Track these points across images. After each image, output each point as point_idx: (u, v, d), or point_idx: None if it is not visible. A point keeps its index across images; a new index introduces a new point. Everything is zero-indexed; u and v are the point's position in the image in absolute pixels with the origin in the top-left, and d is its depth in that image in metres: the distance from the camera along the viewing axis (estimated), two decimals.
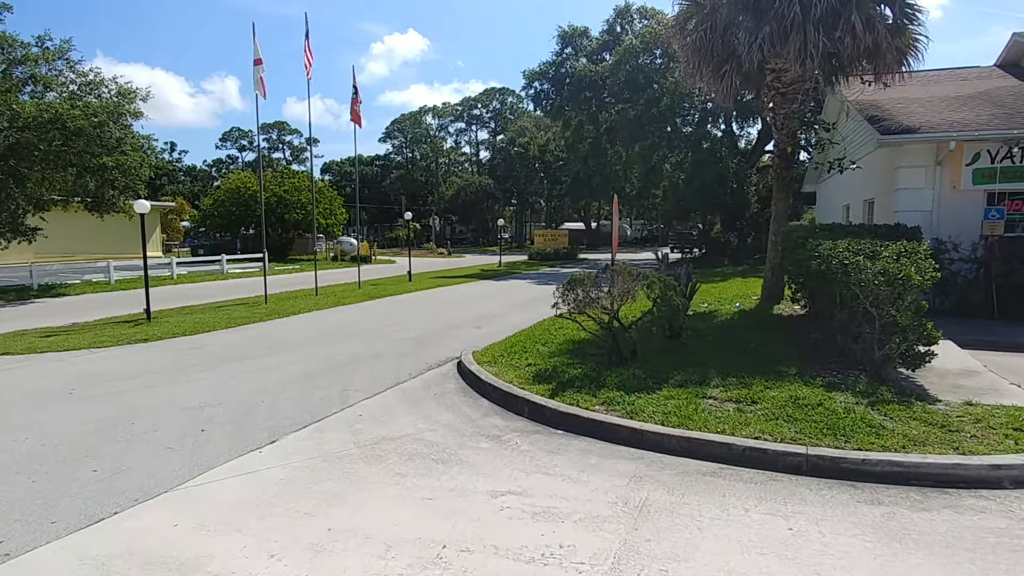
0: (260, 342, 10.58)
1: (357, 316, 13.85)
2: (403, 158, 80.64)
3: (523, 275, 26.68)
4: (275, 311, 14.29)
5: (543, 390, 6.52)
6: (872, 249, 7.03)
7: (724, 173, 25.87)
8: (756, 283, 17.61)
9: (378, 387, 7.39)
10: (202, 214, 40.62)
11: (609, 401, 6.03)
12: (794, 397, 5.83)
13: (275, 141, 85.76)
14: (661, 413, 5.57)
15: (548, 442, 5.35)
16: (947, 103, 12.76)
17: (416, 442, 5.40)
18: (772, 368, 7.07)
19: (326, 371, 8.27)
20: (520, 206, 73.38)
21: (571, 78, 31.34)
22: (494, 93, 76.99)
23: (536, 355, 8.45)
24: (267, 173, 41.05)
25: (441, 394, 7.08)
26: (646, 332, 6.75)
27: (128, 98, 18.71)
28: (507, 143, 70.13)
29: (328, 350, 9.78)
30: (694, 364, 7.34)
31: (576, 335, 9.83)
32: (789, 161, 12.60)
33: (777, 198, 12.88)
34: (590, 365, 7.50)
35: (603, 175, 37.70)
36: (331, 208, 39.86)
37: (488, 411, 6.38)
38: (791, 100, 12.15)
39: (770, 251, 13.08)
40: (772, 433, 4.95)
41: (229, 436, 5.65)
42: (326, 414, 6.30)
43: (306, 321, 13.10)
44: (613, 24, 33.19)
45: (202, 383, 7.71)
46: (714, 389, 6.31)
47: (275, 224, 37.28)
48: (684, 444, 4.93)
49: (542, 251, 40.39)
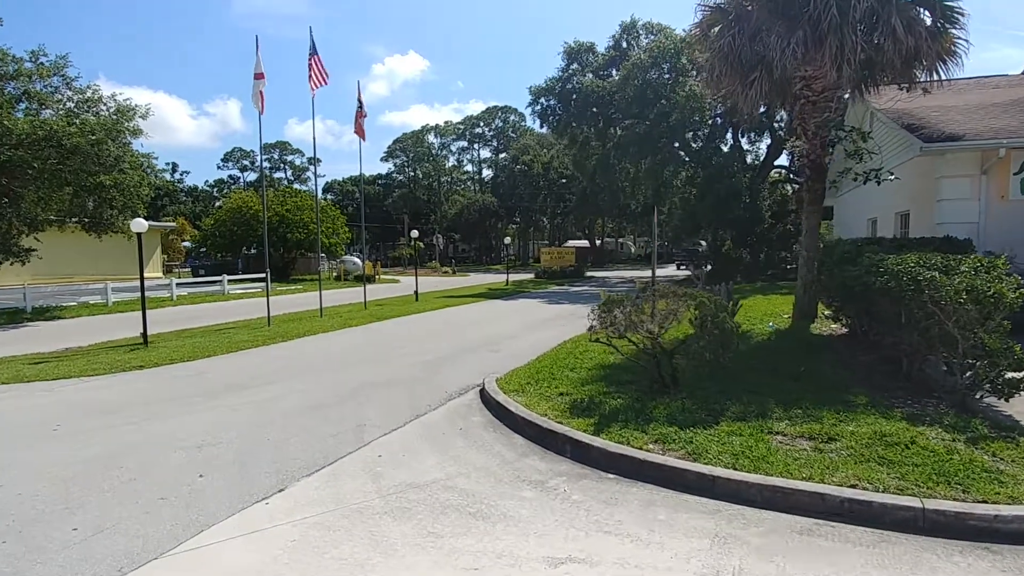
0: (263, 368, 9.85)
1: (365, 339, 13.13)
2: (405, 177, 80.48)
3: (532, 294, 25.98)
4: (278, 334, 13.57)
5: (584, 425, 5.78)
6: (945, 264, 6.34)
7: (737, 188, 25.29)
8: (779, 300, 16.90)
9: (396, 421, 6.65)
10: (203, 234, 40.06)
11: (663, 438, 5.29)
12: (879, 433, 5.09)
13: (276, 161, 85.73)
14: (729, 454, 4.83)
15: (601, 490, 4.60)
16: (985, 110, 12.17)
17: (448, 490, 4.66)
18: (836, 397, 6.34)
19: (337, 402, 7.53)
20: (524, 224, 72.94)
21: (578, 94, 30.91)
22: (496, 111, 77.00)
23: (567, 382, 7.71)
24: (269, 192, 40.58)
25: (467, 429, 6.34)
26: (697, 358, 6.03)
27: (127, 116, 18.18)
28: (510, 161, 69.95)
29: (337, 377, 9.05)
30: (744, 392, 6.62)
31: (605, 359, 9.13)
32: (821, 173, 11.95)
33: (808, 212, 12.21)
34: (630, 394, 6.77)
35: (611, 192, 37.15)
36: (334, 227, 39.30)
37: (524, 450, 5.63)
38: (823, 109, 11.56)
39: (801, 267, 12.39)
40: (869, 480, 4.21)
41: (231, 482, 4.91)
42: (340, 455, 5.56)
43: (312, 345, 12.37)
44: (619, 40, 32.88)
45: (201, 416, 6.97)
46: (779, 423, 5.57)
47: (277, 244, 36.68)
48: (766, 494, 4.19)
49: (548, 269, 39.71)
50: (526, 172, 64.94)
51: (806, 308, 12.06)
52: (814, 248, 12.24)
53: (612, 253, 74.46)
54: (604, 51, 33.20)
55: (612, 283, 32.99)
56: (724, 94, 12.39)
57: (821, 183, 12.05)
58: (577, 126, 32.53)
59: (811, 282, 12.14)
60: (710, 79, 12.17)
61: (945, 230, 10.59)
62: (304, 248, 38.51)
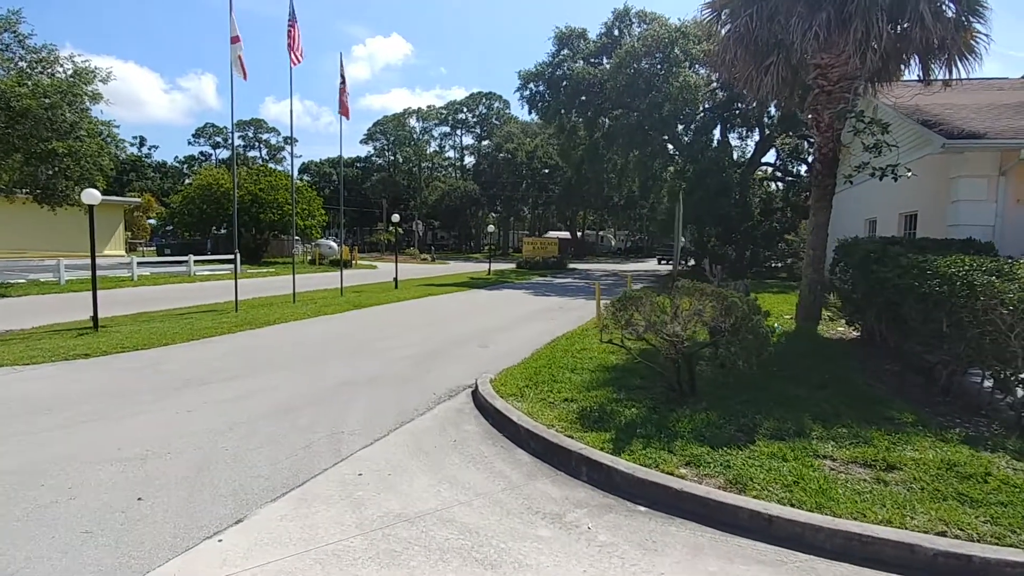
0: (228, 360, 8.86)
1: (343, 328, 12.17)
2: (385, 161, 78.71)
3: (516, 284, 25.15)
4: (247, 321, 12.53)
5: (599, 441, 4.99)
6: (998, 268, 5.68)
7: (728, 183, 24.74)
8: (773, 299, 16.35)
9: (379, 428, 5.77)
10: (170, 212, 38.27)
11: (695, 460, 4.53)
12: (945, 462, 4.38)
13: (251, 139, 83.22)
14: (779, 484, 4.08)
15: (633, 528, 3.80)
16: (998, 110, 11.65)
17: (445, 526, 3.82)
18: (876, 412, 5.65)
19: (310, 402, 6.62)
20: (505, 213, 71.92)
21: (568, 80, 29.98)
22: (480, 97, 75.61)
23: (570, 386, 6.91)
24: (242, 170, 38.95)
25: (462, 441, 5.49)
26: (728, 365, 5.28)
27: (85, 79, 16.77)
28: (493, 148, 68.78)
29: (311, 372, 8.12)
30: (771, 403, 5.90)
31: (607, 359, 8.37)
32: (832, 167, 11.31)
33: (816, 208, 11.58)
34: (644, 402, 6.00)
35: (597, 183, 36.40)
36: (310, 209, 37.88)
37: (531, 470, 4.81)
38: (838, 99, 10.88)
39: (806, 267, 11.78)
40: (958, 524, 3.49)
41: (177, 509, 4.00)
42: (313, 472, 4.68)
43: (283, 334, 11.38)
44: (611, 27, 31.99)
45: (149, 419, 6.01)
46: (824, 444, 4.84)
47: (249, 224, 35.17)
48: (838, 541, 3.43)
49: (531, 260, 38.88)
50: (510, 160, 63.89)
51: (811, 309, 11.46)
52: (821, 247, 11.63)
53: (593, 246, 73.97)
54: (596, 38, 32.30)
55: (596, 276, 32.31)
56: (737, 79, 11.65)
57: (832, 178, 11.41)
58: (566, 114, 31.64)
59: (816, 281, 11.54)
60: (721, 62, 11.43)
61: (958, 232, 10.03)
62: (278, 230, 37.04)
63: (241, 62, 13.60)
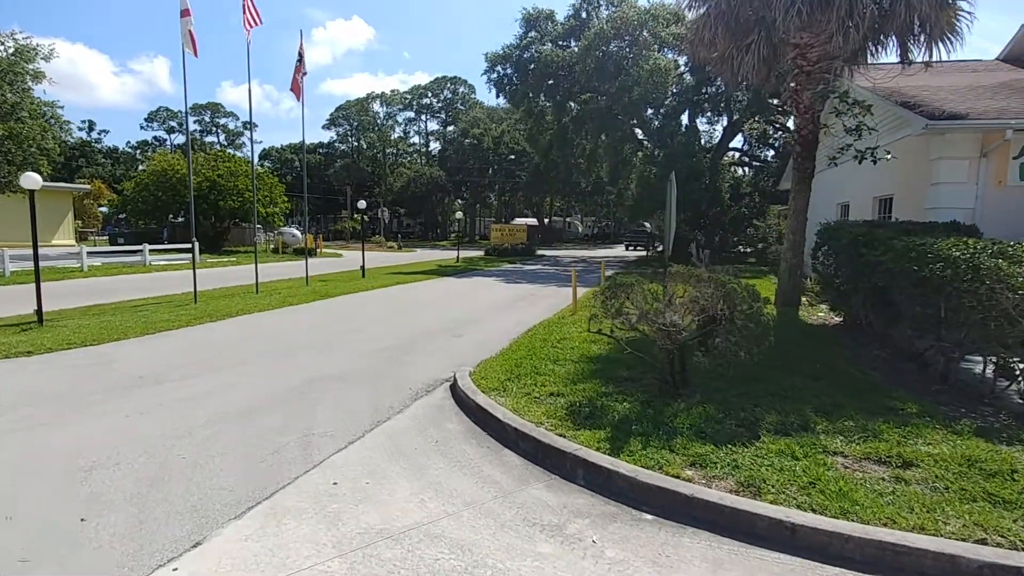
0: (186, 356, 8.24)
1: (309, 320, 11.58)
2: (348, 147, 76.91)
3: (485, 272, 24.69)
4: (206, 313, 11.83)
5: (594, 440, 4.64)
6: (1002, 250, 5.50)
7: (699, 168, 24.68)
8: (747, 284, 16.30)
9: (353, 429, 5.32)
10: (123, 199, 36.55)
11: (701, 460, 4.22)
12: (964, 457, 4.16)
13: (208, 124, 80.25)
14: (794, 485, 3.79)
15: (643, 540, 3.46)
16: (977, 92, 11.63)
17: (434, 542, 3.42)
18: (878, 403, 5.44)
19: (277, 402, 6.12)
20: (472, 200, 71.11)
21: (536, 63, 29.42)
22: (445, 82, 74.30)
23: (555, 379, 6.56)
24: (198, 156, 37.39)
25: (445, 441, 5.09)
26: (728, 356, 4.98)
27: (26, 57, 15.60)
28: (459, 134, 67.73)
29: (278, 368, 7.58)
30: (768, 395, 5.65)
31: (589, 349, 8.06)
32: (811, 149, 11.16)
33: (796, 191, 11.45)
34: (635, 396, 5.68)
35: (566, 168, 36.04)
36: (272, 196, 36.60)
37: (522, 474, 4.43)
38: (817, 80, 10.71)
39: (786, 251, 11.67)
40: (996, 529, 3.24)
41: (125, 531, 3.51)
42: (282, 482, 4.21)
43: (246, 326, 10.75)
44: (579, 9, 31.48)
45: (97, 423, 5.43)
46: (832, 439, 4.58)
47: (208, 212, 33.81)
48: (870, 551, 3.15)
49: (499, 247, 38.38)
50: (476, 146, 63.02)
51: (791, 294, 11.36)
52: (801, 231, 11.52)
53: (560, 232, 73.66)
54: (564, 20, 31.77)
55: (566, 262, 32.06)
56: (714, 59, 11.36)
57: (811, 160, 11.28)
58: (534, 97, 31.12)
59: (795, 265, 11.43)
60: (700, 41, 11.11)
61: (937, 215, 9.97)
62: (238, 217, 35.71)
63: (192, 37, 12.73)
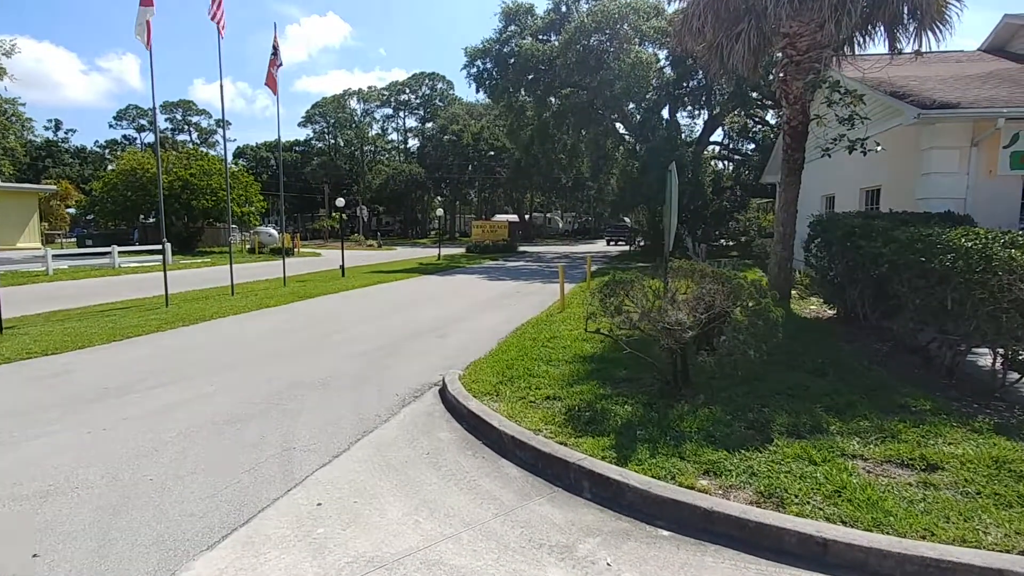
0: (156, 364, 7.76)
1: (288, 322, 11.12)
2: (325, 144, 75.73)
3: (467, 269, 24.32)
4: (179, 317, 11.30)
5: (598, 448, 4.34)
6: (1012, 240, 5.31)
7: (681, 161, 24.51)
8: None
9: (337, 441, 4.95)
10: (91, 200, 35.41)
11: (715, 468, 3.93)
12: (991, 458, 3.93)
13: (179, 122, 78.48)
14: (818, 494, 3.52)
15: (661, 560, 3.15)
16: (964, 81, 11.55)
17: (432, 572, 3.07)
18: (889, 400, 5.21)
19: (254, 412, 5.71)
20: (451, 197, 70.49)
21: (516, 57, 29.04)
22: (423, 78, 73.53)
23: (549, 381, 6.25)
24: (170, 154, 36.39)
25: (437, 453, 4.74)
26: (737, 355, 4.70)
27: None
28: (438, 131, 67.07)
29: (254, 374, 7.15)
30: (773, 393, 5.41)
31: (582, 348, 7.77)
32: (801, 140, 11.01)
33: (786, 183, 11.30)
34: (636, 397, 5.39)
35: (547, 163, 35.72)
36: (247, 195, 35.77)
37: (523, 487, 4.11)
38: (806, 70, 10.55)
39: (776, 243, 11.51)
40: None
41: (83, 569, 3.11)
42: (261, 504, 3.84)
43: (220, 331, 10.26)
44: (559, 3, 31.18)
45: (56, 441, 4.98)
46: (848, 441, 4.33)
47: (180, 212, 32.93)
48: (911, 569, 2.88)
49: (480, 243, 38.05)
50: (455, 142, 62.46)
51: (781, 288, 11.18)
52: (791, 223, 11.38)
53: (540, 228, 73.47)
54: (543, 14, 31.43)
55: (548, 258, 31.81)
56: (701, 50, 11.13)
57: (801, 152, 11.12)
58: (514, 92, 30.75)
59: (787, 259, 11.28)
60: (688, 31, 10.87)
61: (927, 206, 9.86)
62: (213, 217, 34.85)
63: (148, 27, 12.11)
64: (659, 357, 5.40)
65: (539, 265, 26.61)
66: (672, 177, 5.38)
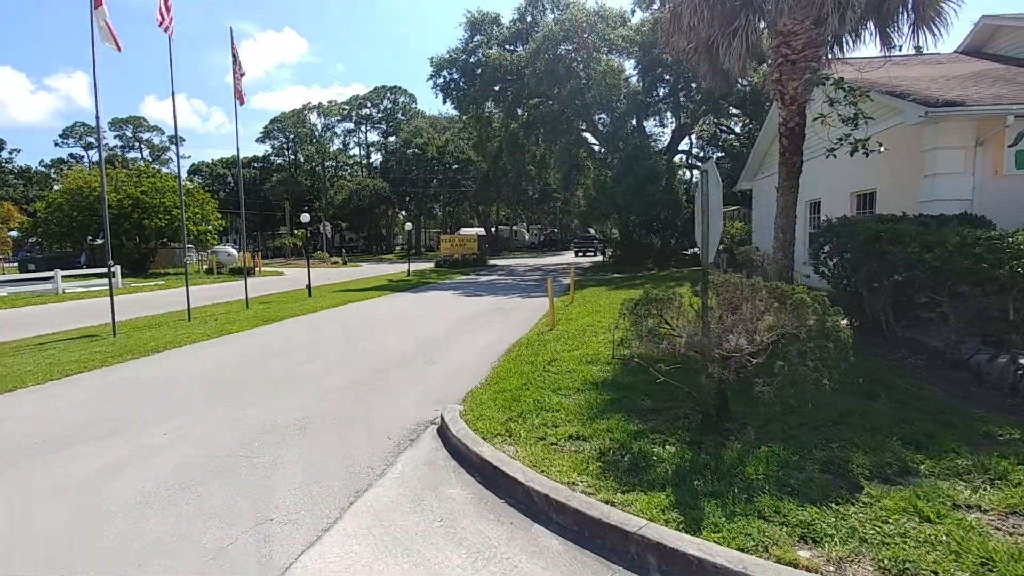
0: (99, 407, 6.65)
1: (253, 350, 10.03)
2: (285, 160, 73.74)
3: (440, 285, 23.36)
4: (127, 348, 10.10)
5: (654, 506, 3.52)
6: None
7: (656, 170, 24.15)
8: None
9: (325, 507, 4.02)
10: (33, 221, 33.23)
11: (811, 532, 3.16)
12: None
13: (130, 139, 75.37)
14: (962, 570, 2.77)
15: None
16: (955, 82, 11.28)
17: None
18: (965, 427, 4.56)
19: (219, 469, 4.72)
20: (417, 211, 69.30)
21: (484, 67, 28.38)
22: (385, 92, 72.37)
23: (566, 414, 5.44)
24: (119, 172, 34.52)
25: (451, 518, 3.85)
26: (802, 381, 3.95)
27: None
28: (402, 144, 65.98)
29: (217, 418, 6.13)
30: (828, 423, 4.72)
31: (588, 372, 7.03)
32: (798, 143, 10.49)
33: (784, 188, 10.72)
34: (674, 434, 4.62)
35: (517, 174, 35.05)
36: (203, 213, 34.07)
37: (571, 566, 3.25)
38: (802, 69, 10.06)
39: (775, 251, 10.91)
40: None
41: None
42: None
43: (175, 364, 9.13)
44: (524, 12, 30.69)
45: None
46: (953, 485, 3.62)
47: (131, 232, 31.09)
48: None
49: (449, 258, 37.08)
50: (420, 156, 61.45)
51: None
52: (791, 229, 10.79)
53: (507, 241, 72.86)
54: (509, 24, 30.90)
55: (521, 271, 31.07)
56: (693, 48, 10.56)
57: (798, 155, 10.59)
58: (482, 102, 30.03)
59: (788, 268, 10.72)
60: (676, 29, 10.30)
61: (932, 208, 9.45)
62: (167, 237, 33.07)
63: (110, 29, 11.01)
64: (704, 387, 4.63)
65: (513, 279, 25.83)
66: (708, 178, 4.65)
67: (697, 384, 4.79)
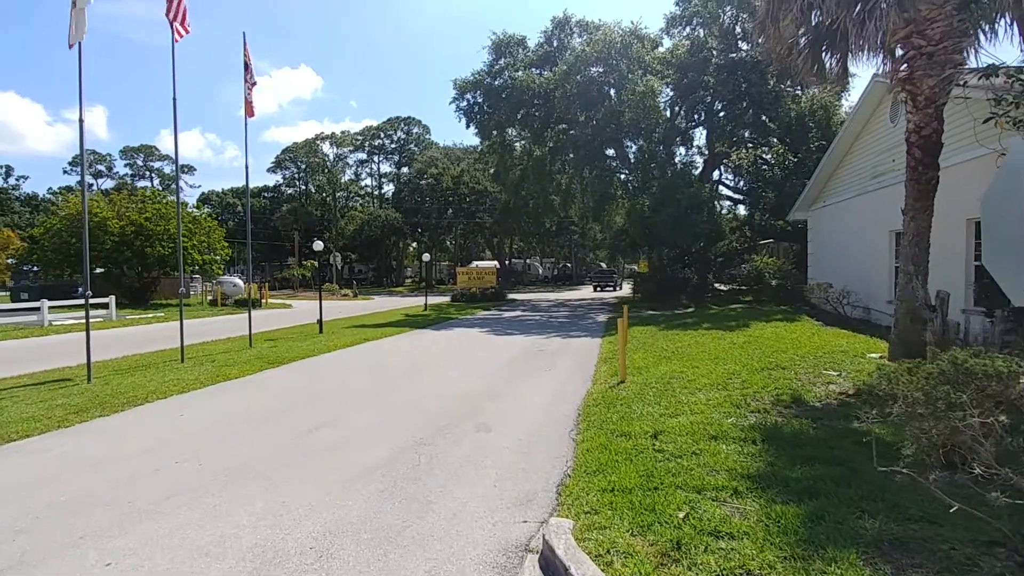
0: (47, 493, 4.57)
1: (255, 405, 7.95)
2: (296, 190, 72.75)
3: (462, 321, 21.31)
4: (98, 400, 8.05)
5: None
6: None
7: (700, 199, 22.23)
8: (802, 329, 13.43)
9: None
10: (29, 248, 31.59)
11: None
12: None
13: (140, 167, 74.73)
14: None
15: None
16: None
17: None
18: None
19: None
20: (430, 242, 67.73)
21: (510, 90, 26.85)
22: (398, 122, 71.63)
23: (754, 543, 3.32)
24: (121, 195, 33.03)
25: None
26: None
27: None
28: (415, 175, 64.78)
29: (194, 531, 4.02)
30: None
31: (718, 451, 4.90)
32: (935, 154, 8.55)
33: (916, 210, 8.71)
34: None
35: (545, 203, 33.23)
36: (210, 242, 32.41)
37: None
38: (941, 64, 8.20)
39: (903, 288, 8.88)
40: None
41: None
42: None
43: (155, 425, 7.05)
44: (551, 36, 29.35)
45: None
46: None
47: (133, 260, 29.38)
48: None
49: (466, 291, 35.11)
50: (434, 186, 60.10)
51: (913, 343, 8.49)
52: (924, 260, 8.76)
53: (521, 274, 70.94)
54: (535, 47, 29.52)
55: (544, 307, 29.00)
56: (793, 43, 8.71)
57: (935, 169, 8.63)
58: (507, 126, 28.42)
59: (923, 307, 8.64)
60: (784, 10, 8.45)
61: None
62: (170, 266, 31.33)
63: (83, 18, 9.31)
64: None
65: (541, 315, 23.76)
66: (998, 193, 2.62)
67: None
